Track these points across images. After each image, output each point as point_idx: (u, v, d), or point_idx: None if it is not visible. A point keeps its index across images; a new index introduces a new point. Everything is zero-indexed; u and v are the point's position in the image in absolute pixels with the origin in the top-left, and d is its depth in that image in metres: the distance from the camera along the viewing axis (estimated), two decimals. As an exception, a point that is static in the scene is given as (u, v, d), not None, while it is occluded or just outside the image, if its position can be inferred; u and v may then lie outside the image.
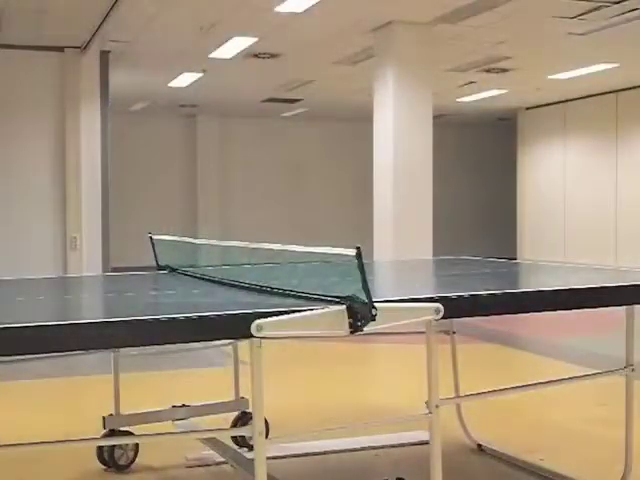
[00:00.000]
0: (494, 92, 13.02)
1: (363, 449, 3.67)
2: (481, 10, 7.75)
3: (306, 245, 2.54)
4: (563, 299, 2.64)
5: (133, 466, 3.46)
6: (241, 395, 3.71)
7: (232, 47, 9.36)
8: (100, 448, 3.46)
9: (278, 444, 3.38)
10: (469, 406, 3.84)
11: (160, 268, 3.56)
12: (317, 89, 12.53)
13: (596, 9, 7.64)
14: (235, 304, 2.42)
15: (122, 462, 3.45)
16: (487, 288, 2.65)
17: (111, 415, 3.46)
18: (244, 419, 3.67)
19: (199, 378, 5.40)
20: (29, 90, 9.21)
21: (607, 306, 2.70)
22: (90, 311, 2.67)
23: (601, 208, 13.64)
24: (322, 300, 2.22)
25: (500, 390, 3.97)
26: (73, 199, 9.28)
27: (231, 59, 9.96)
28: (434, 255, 8.12)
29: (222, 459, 3.45)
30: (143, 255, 4.03)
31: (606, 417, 4.19)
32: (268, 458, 2.11)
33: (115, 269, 8.64)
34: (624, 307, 2.88)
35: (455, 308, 2.34)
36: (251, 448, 3.18)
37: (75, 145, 9.24)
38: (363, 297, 2.12)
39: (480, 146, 17.72)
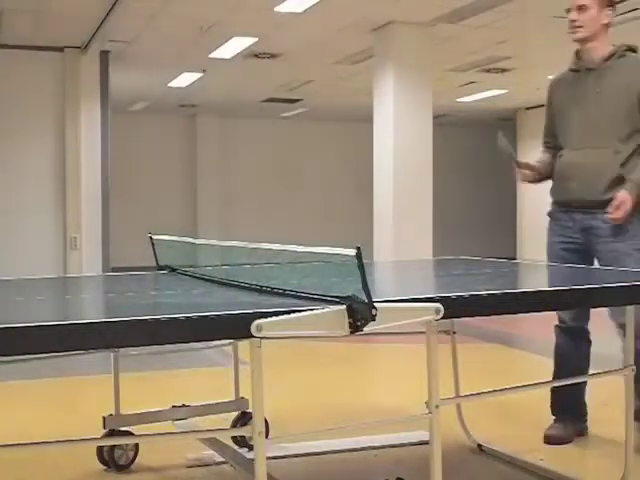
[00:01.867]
0: (494, 92, 13.02)
1: (363, 449, 3.67)
2: (481, 10, 7.75)
3: (306, 245, 2.54)
4: (563, 299, 2.64)
5: (133, 466, 3.46)
6: (241, 395, 3.71)
7: (232, 47, 9.37)
8: (100, 448, 3.45)
9: (278, 444, 3.38)
10: (469, 406, 3.84)
11: (160, 268, 3.56)
12: (317, 89, 12.53)
13: (596, 9, 7.64)
14: (235, 304, 2.42)
15: (122, 462, 3.44)
16: (487, 288, 2.64)
17: (111, 415, 3.45)
18: (244, 419, 3.67)
19: (199, 378, 5.40)
20: (29, 90, 9.22)
21: (607, 306, 2.70)
22: (90, 311, 2.67)
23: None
24: (322, 300, 2.22)
25: (500, 390, 3.96)
26: (73, 199, 9.28)
27: (231, 59, 9.97)
28: (434, 255, 8.12)
29: (222, 459, 3.45)
30: (143, 255, 4.03)
31: (606, 417, 4.18)
32: (268, 458, 2.11)
33: (115, 269, 8.63)
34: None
35: (455, 308, 2.34)
36: (251, 448, 3.18)
37: (75, 145, 9.25)
38: (363, 297, 2.12)
39: (480, 146, 17.72)
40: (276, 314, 2.07)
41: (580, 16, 3.61)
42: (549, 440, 3.78)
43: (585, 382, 3.81)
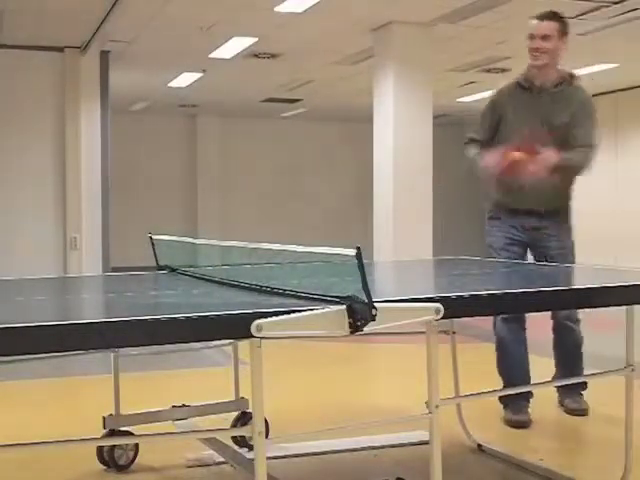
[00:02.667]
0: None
1: (363, 449, 3.67)
2: (481, 10, 7.75)
3: (306, 245, 2.54)
4: (563, 299, 2.64)
5: (133, 466, 3.46)
6: (241, 395, 3.71)
7: (232, 47, 9.36)
8: (100, 448, 3.45)
9: (278, 444, 3.38)
10: (469, 406, 3.84)
11: (160, 268, 3.56)
12: (317, 89, 12.53)
13: (596, 9, 7.65)
14: (235, 304, 2.42)
15: (122, 462, 3.44)
16: (487, 288, 2.64)
17: (111, 415, 3.45)
18: (244, 419, 3.67)
19: (199, 378, 5.40)
20: (29, 90, 9.21)
21: (607, 306, 2.70)
22: (90, 311, 2.67)
23: (601, 208, 13.64)
24: (322, 300, 2.22)
25: (500, 390, 3.96)
26: (73, 199, 9.28)
27: (231, 59, 9.96)
28: (434, 255, 8.11)
29: (222, 459, 3.45)
30: (143, 255, 4.03)
31: (606, 417, 4.19)
32: (268, 458, 2.11)
33: (115, 269, 8.63)
34: (624, 307, 2.88)
35: (455, 308, 2.34)
36: (251, 448, 3.18)
37: (75, 145, 9.24)
38: (363, 297, 2.12)
39: (480, 146, 17.70)
40: (276, 314, 2.07)
41: (544, 44, 4.04)
42: (523, 425, 4.02)
43: (528, 367, 4.18)
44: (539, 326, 4.27)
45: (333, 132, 16.82)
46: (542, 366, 5.36)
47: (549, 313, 4.12)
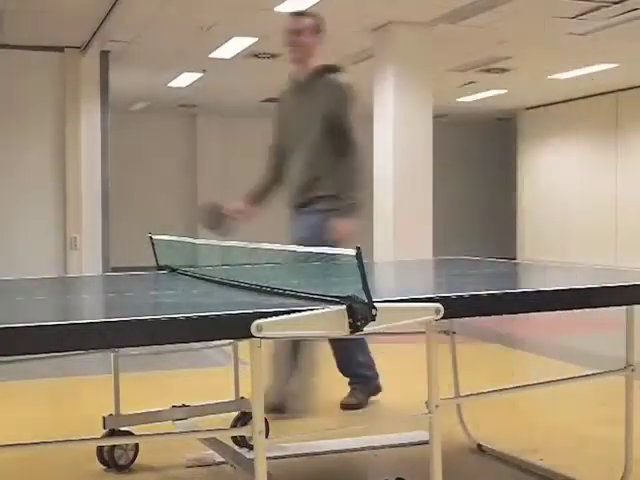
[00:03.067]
0: (494, 92, 13.02)
1: (363, 449, 3.67)
2: (481, 10, 7.75)
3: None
4: (563, 299, 2.64)
5: (133, 466, 3.46)
6: (241, 395, 3.71)
7: (232, 47, 9.37)
8: (100, 448, 3.45)
9: (278, 444, 3.38)
10: (469, 406, 3.84)
11: (160, 268, 3.56)
12: (317, 89, 12.51)
13: (596, 9, 7.65)
14: (235, 304, 2.42)
15: (122, 462, 3.44)
16: (487, 288, 2.64)
17: (111, 415, 3.45)
18: (244, 419, 3.67)
19: (199, 378, 5.40)
20: (29, 90, 9.22)
21: (607, 306, 2.70)
22: (90, 311, 2.67)
23: (601, 208, 13.65)
24: (322, 300, 2.22)
25: (500, 390, 3.96)
26: (73, 199, 9.28)
27: (231, 59, 9.97)
28: (434, 255, 8.11)
29: (222, 459, 3.45)
30: (143, 255, 4.03)
31: (606, 417, 4.19)
32: (268, 458, 2.11)
33: (115, 269, 8.63)
34: (624, 307, 2.88)
35: (455, 308, 2.34)
36: (251, 448, 3.18)
37: (75, 145, 9.25)
38: (363, 297, 2.12)
39: (480, 146, 17.72)
40: (276, 314, 2.07)
41: (297, 39, 4.26)
42: (344, 407, 4.36)
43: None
44: (539, 326, 4.27)
45: (333, 132, 16.79)
46: (543, 366, 5.37)
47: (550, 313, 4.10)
